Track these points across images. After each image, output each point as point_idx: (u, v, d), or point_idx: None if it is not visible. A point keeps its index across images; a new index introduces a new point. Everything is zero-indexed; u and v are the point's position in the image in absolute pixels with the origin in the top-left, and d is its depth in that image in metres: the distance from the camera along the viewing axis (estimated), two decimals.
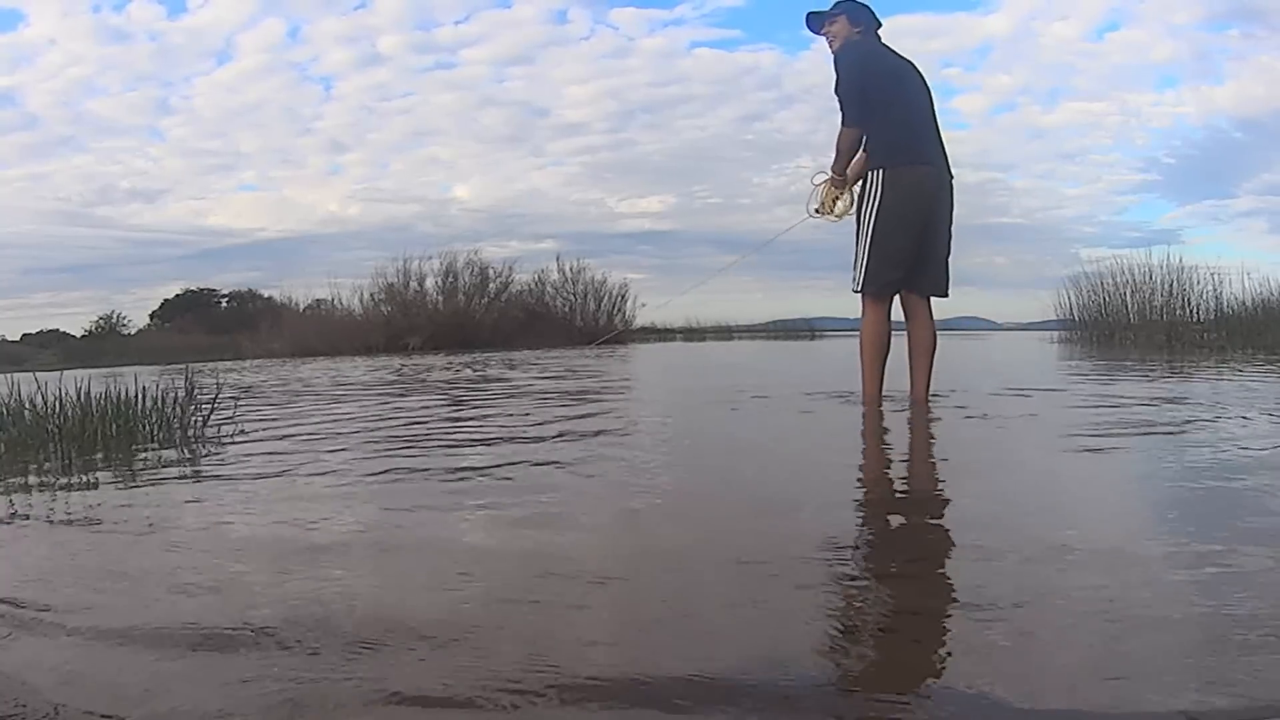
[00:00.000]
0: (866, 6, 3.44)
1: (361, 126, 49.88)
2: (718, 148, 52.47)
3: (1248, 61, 40.76)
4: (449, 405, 4.45)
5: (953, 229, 3.40)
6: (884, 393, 3.44)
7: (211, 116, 46.44)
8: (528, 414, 3.66)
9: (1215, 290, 10.68)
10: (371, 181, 47.99)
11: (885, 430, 2.88)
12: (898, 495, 1.92)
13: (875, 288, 3.34)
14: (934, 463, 2.32)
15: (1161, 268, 11.17)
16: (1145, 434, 2.52)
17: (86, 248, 40.65)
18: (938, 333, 3.46)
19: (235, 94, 45.75)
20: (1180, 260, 11.09)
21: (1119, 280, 11.65)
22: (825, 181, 3.62)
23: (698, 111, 52.72)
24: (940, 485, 2.00)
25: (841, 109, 3.32)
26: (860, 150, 3.45)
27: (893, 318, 3.47)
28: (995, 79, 52.48)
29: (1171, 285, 11.03)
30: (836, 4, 3.45)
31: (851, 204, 3.54)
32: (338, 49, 48.51)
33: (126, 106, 43.17)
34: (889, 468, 2.26)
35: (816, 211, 3.68)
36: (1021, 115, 51.20)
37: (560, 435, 2.88)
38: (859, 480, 2.07)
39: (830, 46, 3.44)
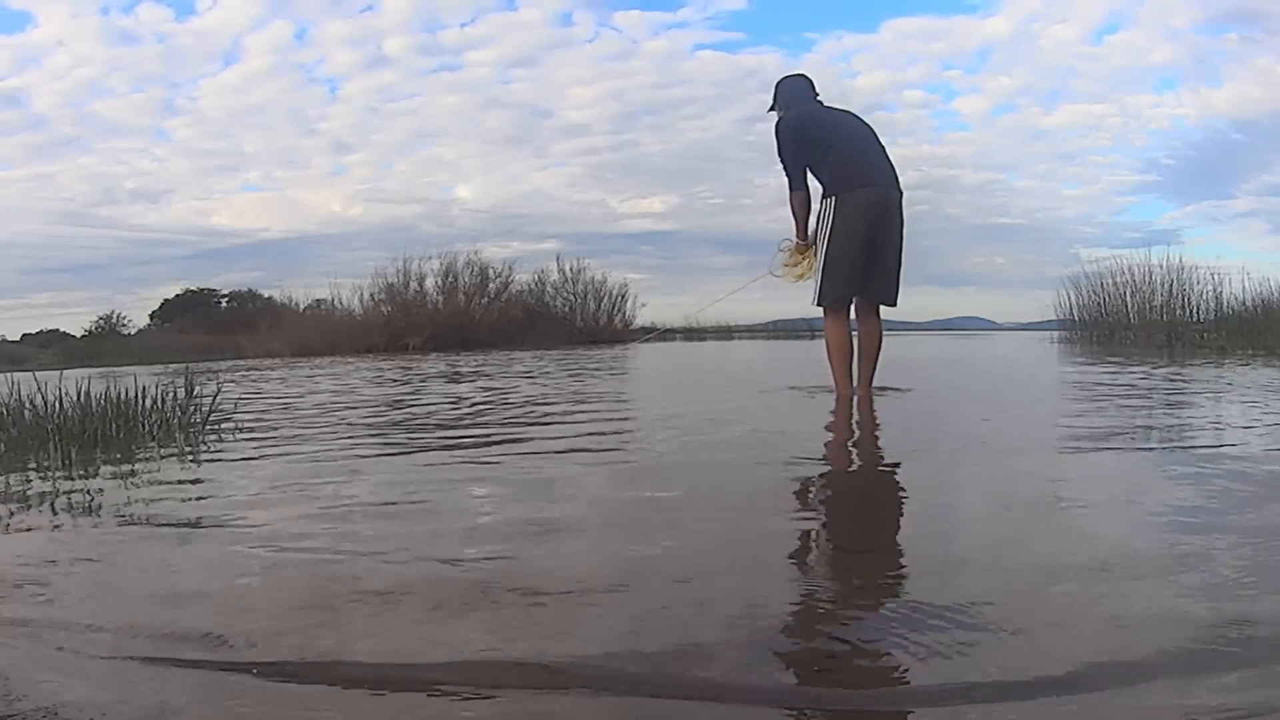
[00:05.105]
0: (800, 83, 3.95)
1: (366, 128, 49.45)
2: (720, 149, 52.14)
3: (1246, 64, 40.52)
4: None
5: (903, 244, 3.78)
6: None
7: (217, 118, 46.00)
8: None
9: (1215, 290, 10.71)
10: (375, 182, 47.48)
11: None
12: None
13: (830, 302, 3.79)
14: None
15: (1161, 268, 11.19)
16: None
17: (89, 248, 40.34)
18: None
19: (241, 95, 45.28)
20: (1180, 260, 11.11)
21: (1119, 280, 11.68)
22: (790, 247, 3.99)
23: (700, 113, 52.43)
24: None
25: (786, 175, 3.81)
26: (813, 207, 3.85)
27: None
28: (995, 81, 52.11)
29: (1171, 285, 11.04)
30: (775, 88, 3.97)
31: (811, 269, 3.89)
32: (344, 51, 48.03)
33: (133, 107, 42.80)
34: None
35: (777, 274, 4.05)
36: (1022, 116, 50.74)
37: None
38: None
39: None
